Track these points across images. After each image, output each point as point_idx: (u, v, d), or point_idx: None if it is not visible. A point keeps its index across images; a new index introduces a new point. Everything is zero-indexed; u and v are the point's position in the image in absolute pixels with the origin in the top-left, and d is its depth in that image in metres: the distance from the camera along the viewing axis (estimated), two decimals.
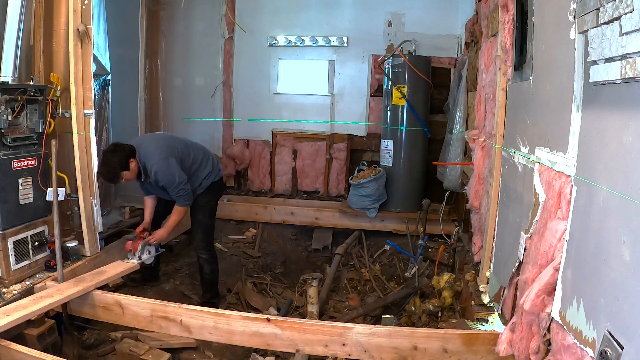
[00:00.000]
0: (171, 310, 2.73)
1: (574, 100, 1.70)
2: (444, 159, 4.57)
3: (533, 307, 1.83)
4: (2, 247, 2.78)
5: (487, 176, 3.17)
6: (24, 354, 2.36)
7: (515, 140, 2.48)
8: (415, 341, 2.49)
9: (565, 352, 1.65)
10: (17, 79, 2.87)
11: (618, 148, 1.38)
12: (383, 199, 4.92)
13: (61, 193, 3.11)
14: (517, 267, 2.32)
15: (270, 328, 2.59)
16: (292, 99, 5.75)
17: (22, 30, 2.90)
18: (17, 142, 2.84)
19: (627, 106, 1.33)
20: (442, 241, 4.37)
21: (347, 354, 2.57)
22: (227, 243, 4.95)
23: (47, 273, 3.02)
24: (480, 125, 3.45)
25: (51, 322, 2.79)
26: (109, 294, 2.94)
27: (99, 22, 3.71)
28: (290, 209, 5.26)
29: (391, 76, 4.93)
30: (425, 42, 5.24)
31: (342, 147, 5.69)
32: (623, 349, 1.28)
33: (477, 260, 3.39)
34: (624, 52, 1.26)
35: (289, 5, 5.63)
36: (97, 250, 3.39)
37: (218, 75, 5.81)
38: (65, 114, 3.20)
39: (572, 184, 1.70)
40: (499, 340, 2.29)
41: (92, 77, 3.29)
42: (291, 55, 5.72)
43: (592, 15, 1.46)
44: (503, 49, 2.73)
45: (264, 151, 5.88)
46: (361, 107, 5.66)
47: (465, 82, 4.25)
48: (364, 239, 5.03)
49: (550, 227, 1.84)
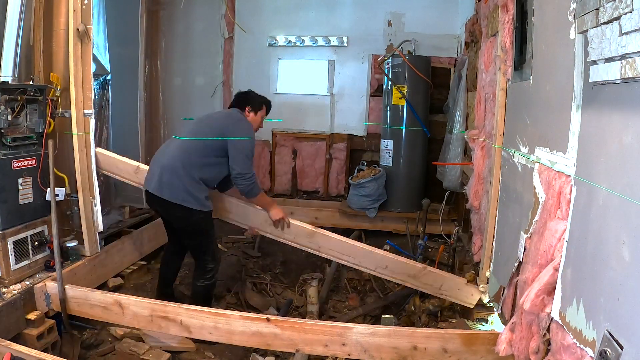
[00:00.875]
0: (171, 310, 2.73)
1: (573, 100, 1.71)
2: (443, 158, 4.57)
3: (533, 307, 1.84)
4: (1, 247, 2.78)
5: (486, 176, 3.17)
6: (23, 353, 2.36)
7: (515, 140, 2.48)
8: (415, 341, 2.49)
9: (565, 352, 1.65)
10: (16, 78, 2.87)
11: (618, 148, 1.39)
12: (383, 199, 4.92)
13: (61, 193, 3.11)
14: (516, 267, 2.32)
15: (270, 328, 2.60)
16: (292, 98, 5.75)
17: (22, 30, 2.89)
18: (17, 142, 2.84)
19: (627, 106, 1.33)
20: (441, 241, 4.37)
21: (347, 353, 2.57)
22: (227, 243, 4.96)
23: (47, 273, 3.02)
24: (480, 125, 3.45)
25: (51, 322, 2.79)
26: (108, 293, 2.94)
27: (98, 22, 3.71)
28: (290, 208, 5.24)
29: (391, 76, 4.93)
30: (425, 42, 5.25)
31: (342, 147, 5.69)
32: (623, 349, 1.28)
33: (476, 260, 3.39)
34: (624, 52, 1.26)
35: (288, 5, 5.63)
36: (96, 250, 3.39)
37: (218, 75, 5.81)
38: (65, 113, 3.19)
39: (572, 184, 1.70)
40: (499, 340, 2.29)
41: (92, 77, 3.28)
42: (291, 55, 5.72)
43: (592, 15, 1.46)
44: (503, 49, 2.73)
45: (263, 151, 5.88)
46: (361, 107, 5.66)
47: (465, 82, 4.26)
48: (364, 239, 5.03)
49: (550, 227, 1.84)
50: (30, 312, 2.75)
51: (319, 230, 3.36)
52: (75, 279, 3.09)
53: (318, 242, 3.33)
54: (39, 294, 2.86)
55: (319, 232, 3.35)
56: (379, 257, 3.31)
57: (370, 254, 3.33)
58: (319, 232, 3.34)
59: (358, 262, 3.31)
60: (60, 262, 2.89)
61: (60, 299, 2.84)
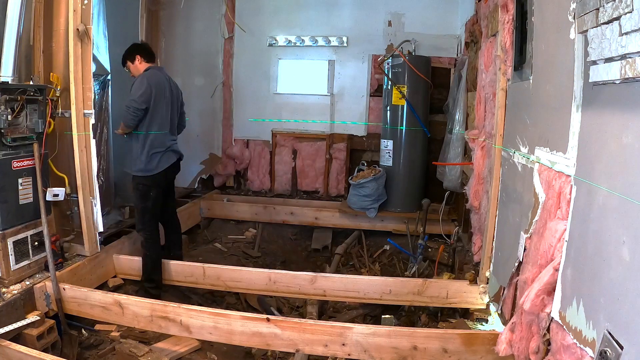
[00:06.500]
0: (171, 310, 2.73)
1: (573, 100, 1.71)
2: (443, 159, 4.57)
3: (533, 307, 1.84)
4: (2, 247, 2.78)
5: (486, 176, 3.17)
6: (23, 354, 2.36)
7: (515, 140, 2.48)
8: (415, 341, 2.49)
9: (565, 352, 1.65)
10: (17, 78, 2.87)
11: (618, 148, 1.39)
12: (383, 199, 4.91)
13: (61, 193, 3.11)
14: (516, 267, 2.33)
15: (270, 328, 2.60)
16: (292, 98, 5.75)
17: (22, 30, 2.89)
18: (17, 142, 2.84)
19: (627, 106, 1.33)
20: (441, 241, 4.37)
21: (347, 353, 2.57)
22: (227, 243, 4.96)
23: (46, 273, 3.02)
24: (480, 125, 3.45)
25: (51, 322, 2.79)
26: (108, 293, 2.94)
27: (98, 22, 3.71)
28: (290, 209, 5.25)
29: (391, 76, 4.93)
30: (425, 42, 5.24)
31: (341, 147, 5.69)
32: (623, 349, 1.28)
33: (476, 260, 3.39)
34: (624, 52, 1.26)
35: (288, 5, 5.63)
36: (96, 250, 3.39)
37: (218, 75, 5.81)
38: (65, 114, 3.19)
39: (572, 184, 1.70)
40: (499, 340, 2.29)
41: (92, 77, 3.29)
42: (291, 55, 5.72)
43: (592, 15, 1.46)
44: (503, 49, 2.73)
45: (263, 151, 5.88)
46: (361, 107, 5.66)
47: (465, 82, 4.26)
48: (364, 239, 5.03)
49: (550, 227, 1.84)
50: (30, 312, 2.75)
51: (318, 274, 3.46)
52: (75, 279, 3.10)
53: (322, 287, 3.39)
54: (39, 294, 2.86)
55: (319, 275, 3.44)
56: (380, 282, 3.39)
57: (371, 282, 3.41)
58: (319, 276, 3.43)
59: (363, 294, 3.37)
60: (53, 263, 2.89)
61: (56, 298, 2.84)
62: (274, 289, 3.46)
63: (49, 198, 3.05)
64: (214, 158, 5.95)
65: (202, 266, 3.52)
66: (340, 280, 3.40)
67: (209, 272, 3.50)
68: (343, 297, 3.48)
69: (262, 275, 3.46)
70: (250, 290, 3.55)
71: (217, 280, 3.49)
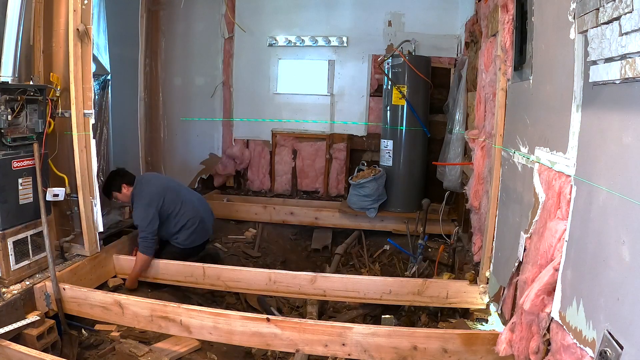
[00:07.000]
0: (171, 310, 2.73)
1: (573, 100, 1.71)
2: (443, 159, 4.57)
3: (533, 307, 1.84)
4: (2, 247, 2.78)
5: (486, 176, 3.17)
6: (23, 354, 2.36)
7: (515, 140, 2.48)
8: (415, 341, 2.49)
9: (565, 352, 1.65)
10: (16, 78, 2.86)
11: (618, 148, 1.39)
12: (383, 199, 4.92)
13: (61, 193, 3.11)
14: (516, 267, 2.33)
15: (270, 328, 2.59)
16: (292, 98, 5.75)
17: (22, 30, 2.89)
18: (17, 142, 2.83)
19: (627, 106, 1.33)
20: (441, 241, 4.37)
21: (347, 353, 2.57)
22: (226, 243, 4.95)
23: (46, 273, 3.01)
24: (480, 125, 3.45)
25: (51, 322, 2.78)
26: (108, 293, 2.94)
27: (99, 22, 3.70)
28: (290, 209, 5.25)
29: (391, 76, 4.93)
30: (425, 42, 5.25)
31: (341, 147, 5.69)
32: (623, 349, 1.28)
33: (476, 260, 3.39)
34: (624, 52, 1.26)
35: (288, 5, 5.63)
36: (96, 251, 3.39)
37: (218, 75, 5.82)
38: (65, 114, 3.19)
39: (572, 184, 1.70)
40: (499, 340, 2.29)
41: (92, 77, 3.28)
42: (291, 55, 5.72)
43: (592, 15, 1.46)
44: (503, 49, 2.73)
45: (263, 151, 5.89)
46: (361, 107, 5.66)
47: (465, 82, 4.26)
48: (364, 239, 5.03)
49: (549, 227, 1.84)
50: (30, 312, 2.75)
51: (318, 274, 3.46)
52: (75, 279, 3.10)
53: (321, 287, 3.39)
54: (39, 294, 2.86)
55: (319, 275, 3.44)
56: (380, 282, 3.39)
57: (371, 282, 3.41)
58: (319, 276, 3.42)
59: (363, 295, 3.37)
60: (53, 263, 2.89)
61: (56, 299, 2.84)
62: (274, 289, 3.46)
63: (49, 198, 3.05)
64: (214, 158, 5.95)
65: (202, 266, 3.52)
66: (340, 280, 3.40)
67: (209, 272, 3.50)
68: (343, 297, 3.47)
69: (262, 275, 3.46)
70: (250, 290, 3.55)
71: (217, 280, 3.49)
